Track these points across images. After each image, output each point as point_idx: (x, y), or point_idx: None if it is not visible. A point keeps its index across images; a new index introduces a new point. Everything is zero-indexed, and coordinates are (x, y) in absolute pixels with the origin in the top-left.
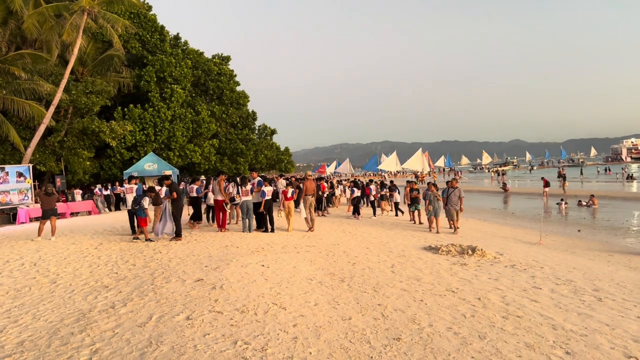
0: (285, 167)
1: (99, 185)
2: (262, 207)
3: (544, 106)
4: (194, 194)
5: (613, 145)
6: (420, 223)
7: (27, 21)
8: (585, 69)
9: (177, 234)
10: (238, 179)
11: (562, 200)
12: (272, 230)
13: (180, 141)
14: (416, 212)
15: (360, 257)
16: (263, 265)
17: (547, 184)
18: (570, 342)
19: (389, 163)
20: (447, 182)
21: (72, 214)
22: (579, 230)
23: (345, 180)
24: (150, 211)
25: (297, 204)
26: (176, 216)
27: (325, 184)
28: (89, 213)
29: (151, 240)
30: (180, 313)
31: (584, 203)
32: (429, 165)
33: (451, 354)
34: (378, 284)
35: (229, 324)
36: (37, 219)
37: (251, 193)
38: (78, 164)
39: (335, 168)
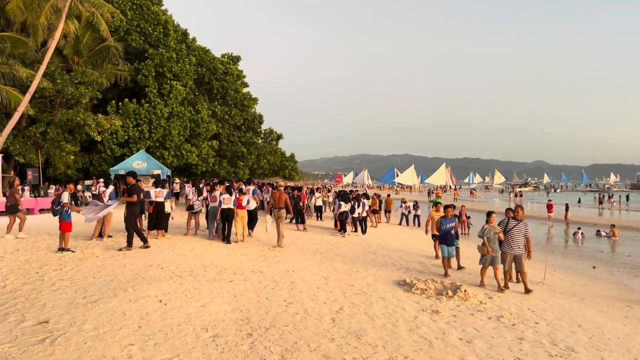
0: (289, 174)
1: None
2: (217, 217)
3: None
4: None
5: (638, 173)
6: (460, 268)
7: (11, 2)
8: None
9: (128, 243)
10: (201, 185)
11: (578, 229)
12: (228, 242)
13: (176, 140)
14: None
15: (306, 292)
16: (161, 301)
17: (550, 209)
18: None
19: (406, 176)
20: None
21: (40, 211)
22: (594, 267)
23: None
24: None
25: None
26: (129, 223)
27: (305, 195)
28: None
29: (68, 251)
30: None
31: (603, 234)
32: (452, 181)
33: None
34: (297, 343)
35: None
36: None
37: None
38: (59, 158)
39: (353, 178)
